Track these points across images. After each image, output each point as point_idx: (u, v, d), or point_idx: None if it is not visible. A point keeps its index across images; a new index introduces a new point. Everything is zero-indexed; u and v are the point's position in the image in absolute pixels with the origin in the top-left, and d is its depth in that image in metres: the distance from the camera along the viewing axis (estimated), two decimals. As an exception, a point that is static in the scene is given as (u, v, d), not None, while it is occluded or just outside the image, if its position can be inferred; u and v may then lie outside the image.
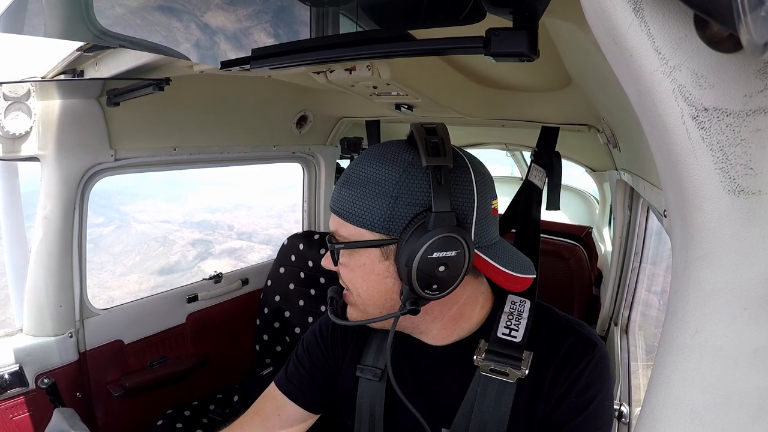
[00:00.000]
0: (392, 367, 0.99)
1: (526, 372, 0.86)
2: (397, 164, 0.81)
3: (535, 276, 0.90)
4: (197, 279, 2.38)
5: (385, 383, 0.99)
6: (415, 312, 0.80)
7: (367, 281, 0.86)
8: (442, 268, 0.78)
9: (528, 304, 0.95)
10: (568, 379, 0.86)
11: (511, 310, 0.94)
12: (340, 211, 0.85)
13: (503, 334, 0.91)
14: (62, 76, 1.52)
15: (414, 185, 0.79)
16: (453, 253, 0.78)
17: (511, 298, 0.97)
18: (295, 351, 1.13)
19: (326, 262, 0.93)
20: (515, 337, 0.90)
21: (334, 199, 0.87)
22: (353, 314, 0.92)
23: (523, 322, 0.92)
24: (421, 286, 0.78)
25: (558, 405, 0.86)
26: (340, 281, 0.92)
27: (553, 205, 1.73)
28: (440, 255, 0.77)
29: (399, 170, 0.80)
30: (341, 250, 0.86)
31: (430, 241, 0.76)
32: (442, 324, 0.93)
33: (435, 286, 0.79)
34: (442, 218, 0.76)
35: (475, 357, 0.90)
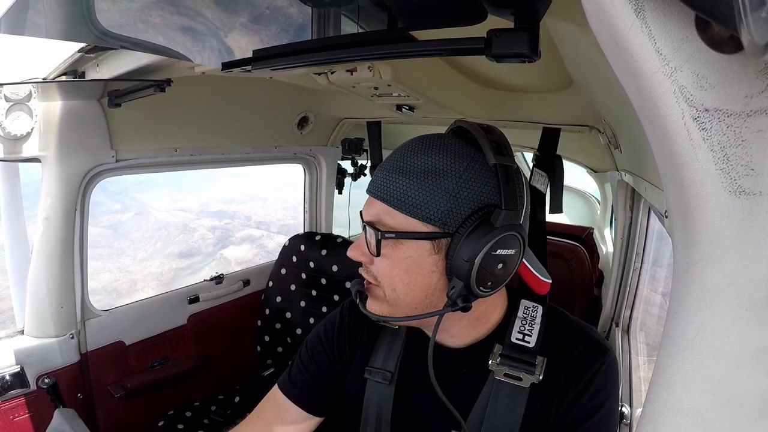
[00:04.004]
0: (403, 368, 0.99)
1: (540, 377, 0.86)
2: (461, 158, 0.79)
3: (551, 281, 0.93)
4: (220, 264, 2.39)
5: (394, 386, 0.98)
6: (467, 309, 0.79)
7: (410, 275, 0.83)
8: (500, 266, 0.79)
9: (540, 309, 0.95)
10: (580, 383, 0.87)
11: (525, 315, 0.94)
12: (389, 199, 0.81)
13: (517, 339, 0.91)
14: (63, 78, 1.52)
15: (476, 181, 0.79)
16: (512, 252, 0.79)
17: (524, 303, 0.97)
18: (299, 353, 1.11)
19: (354, 252, 0.88)
20: (529, 342, 0.90)
21: (381, 185, 0.82)
22: (377, 308, 0.89)
23: (536, 328, 0.92)
24: (477, 283, 0.78)
25: (570, 409, 0.87)
26: (367, 273, 0.88)
27: (556, 207, 1.73)
28: (502, 253, 0.78)
29: (463, 164, 0.79)
30: (384, 241, 0.82)
31: (497, 238, 0.76)
32: (466, 323, 0.92)
33: (490, 284, 0.79)
34: (510, 216, 0.77)
35: (490, 361, 0.90)
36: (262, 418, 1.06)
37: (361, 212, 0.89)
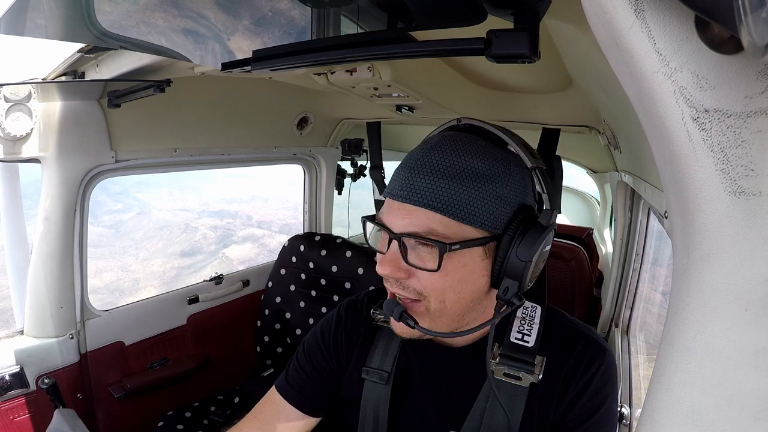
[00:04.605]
0: (400, 368, 0.99)
1: (540, 377, 0.86)
2: (501, 161, 0.79)
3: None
4: (222, 263, 2.39)
5: (391, 386, 0.98)
6: (521, 305, 0.80)
7: (463, 283, 0.80)
8: (543, 262, 0.83)
9: (539, 309, 0.95)
10: (579, 383, 0.87)
11: (524, 315, 0.94)
12: (441, 206, 0.75)
13: (516, 338, 0.91)
14: (63, 78, 1.52)
15: (517, 183, 0.80)
16: (549, 247, 0.83)
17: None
18: (296, 354, 1.11)
19: (389, 269, 0.80)
20: (528, 342, 0.90)
21: (424, 191, 0.76)
22: (427, 324, 0.83)
23: (535, 327, 0.92)
24: (529, 280, 0.80)
25: (569, 409, 0.87)
26: (404, 289, 0.81)
27: (555, 207, 1.73)
28: (547, 249, 0.82)
29: (506, 167, 0.79)
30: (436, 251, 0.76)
31: (548, 236, 0.79)
32: (467, 322, 0.91)
33: (534, 278, 0.82)
34: (553, 215, 0.81)
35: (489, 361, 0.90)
36: (259, 418, 1.07)
37: (366, 220, 0.87)
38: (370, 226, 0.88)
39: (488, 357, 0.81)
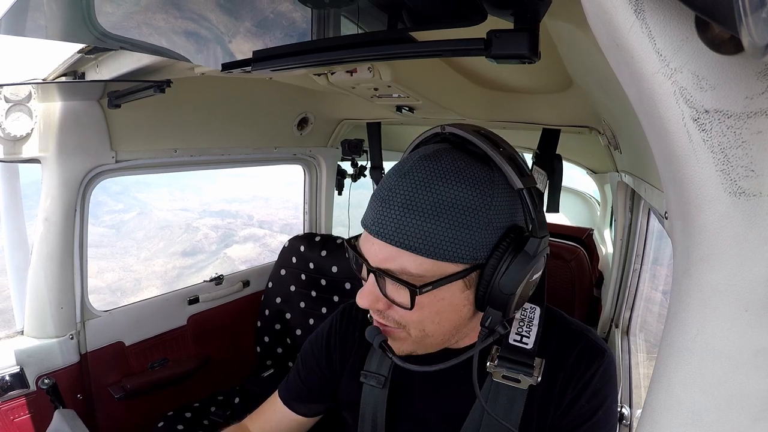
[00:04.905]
0: (397, 371, 0.99)
1: (539, 379, 0.86)
2: (482, 185, 0.72)
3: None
4: (224, 263, 2.39)
5: (387, 390, 0.98)
6: (506, 332, 0.76)
7: (442, 314, 0.78)
8: (533, 288, 0.79)
9: (538, 310, 0.94)
10: (578, 384, 0.87)
11: (522, 317, 0.93)
12: (411, 244, 0.70)
13: (515, 340, 0.90)
14: (63, 78, 1.52)
15: (502, 207, 0.73)
16: (541, 271, 0.79)
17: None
18: (296, 359, 1.16)
19: (367, 301, 0.78)
20: (527, 344, 0.90)
21: (394, 227, 0.71)
22: (403, 348, 0.83)
23: (534, 329, 0.91)
24: (514, 309, 0.76)
25: (568, 410, 0.87)
26: (385, 319, 0.80)
27: (553, 207, 1.73)
28: (536, 276, 0.77)
29: (486, 192, 0.72)
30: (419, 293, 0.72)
31: (536, 265, 0.73)
32: (472, 329, 0.90)
33: (523, 303, 0.79)
34: (542, 243, 0.73)
35: (488, 363, 0.89)
36: (258, 421, 1.14)
37: (347, 245, 0.82)
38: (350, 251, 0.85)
39: (474, 378, 0.78)
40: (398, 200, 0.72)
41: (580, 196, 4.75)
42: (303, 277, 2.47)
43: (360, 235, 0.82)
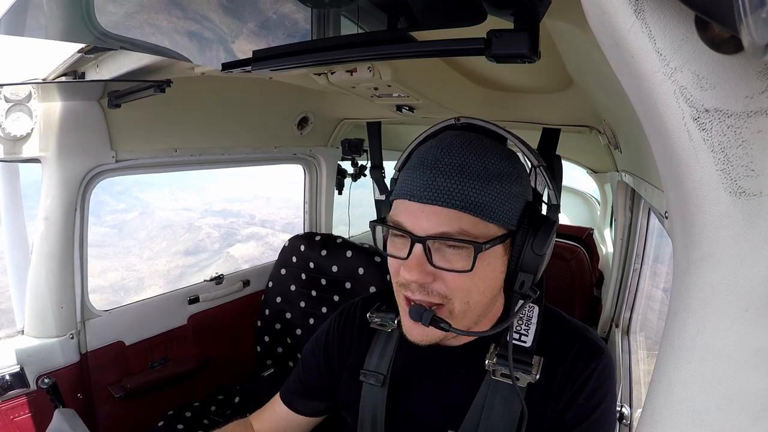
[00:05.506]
0: (396, 370, 1.00)
1: (537, 377, 0.86)
2: (513, 160, 0.83)
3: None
4: (227, 262, 2.39)
5: (387, 388, 0.98)
6: (536, 296, 0.85)
7: (487, 281, 0.81)
8: (549, 256, 0.86)
9: (536, 309, 0.95)
10: (576, 383, 0.87)
11: (521, 315, 0.94)
12: (470, 207, 0.75)
13: (513, 338, 0.91)
14: (63, 78, 1.52)
15: (526, 181, 0.84)
16: (555, 241, 0.86)
17: (520, 302, 0.96)
18: (298, 361, 1.18)
19: (417, 274, 0.77)
20: (525, 342, 0.90)
21: (453, 193, 0.75)
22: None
23: (533, 327, 0.92)
24: (541, 272, 0.84)
25: (566, 409, 0.87)
26: (429, 294, 0.79)
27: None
28: (554, 242, 0.85)
29: (519, 167, 0.83)
30: (465, 253, 0.76)
31: (554, 228, 0.81)
32: (467, 323, 0.89)
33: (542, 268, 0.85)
34: (557, 209, 0.87)
35: (486, 361, 0.89)
36: (259, 420, 1.17)
37: (377, 224, 0.86)
38: (380, 230, 0.87)
39: (510, 356, 0.84)
40: (450, 168, 0.77)
41: (580, 196, 4.75)
42: (303, 276, 2.47)
43: (384, 218, 0.87)
